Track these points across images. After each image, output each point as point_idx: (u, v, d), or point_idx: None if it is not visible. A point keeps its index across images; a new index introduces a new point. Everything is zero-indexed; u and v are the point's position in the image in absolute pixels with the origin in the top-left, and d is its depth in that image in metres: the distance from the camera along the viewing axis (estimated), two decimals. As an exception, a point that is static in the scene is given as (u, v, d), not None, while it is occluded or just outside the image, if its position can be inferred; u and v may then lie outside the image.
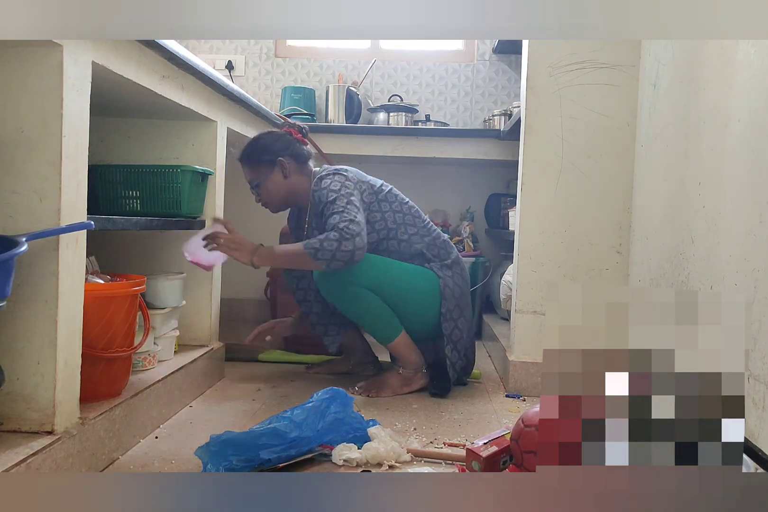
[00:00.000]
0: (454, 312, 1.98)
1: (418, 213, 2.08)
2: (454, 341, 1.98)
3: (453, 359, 1.97)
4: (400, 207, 2.05)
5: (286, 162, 2.00)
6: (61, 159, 1.16)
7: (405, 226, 2.02)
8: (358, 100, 3.22)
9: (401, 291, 1.95)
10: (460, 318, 2.00)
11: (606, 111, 2.01)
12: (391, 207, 2.02)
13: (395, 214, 2.02)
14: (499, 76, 3.37)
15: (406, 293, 1.96)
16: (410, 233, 2.02)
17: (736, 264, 1.25)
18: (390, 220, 2.01)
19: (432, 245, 2.04)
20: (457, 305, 1.99)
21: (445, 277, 1.99)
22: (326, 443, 1.41)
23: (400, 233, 2.01)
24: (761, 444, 1.10)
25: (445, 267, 2.01)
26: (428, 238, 2.04)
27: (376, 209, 2.00)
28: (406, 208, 2.06)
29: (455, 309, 1.99)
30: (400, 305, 1.96)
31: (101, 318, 1.38)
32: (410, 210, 2.07)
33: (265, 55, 3.38)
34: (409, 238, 2.02)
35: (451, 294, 1.98)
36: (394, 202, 2.04)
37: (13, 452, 1.09)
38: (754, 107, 1.21)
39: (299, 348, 2.48)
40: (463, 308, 2.03)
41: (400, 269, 1.97)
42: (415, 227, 2.04)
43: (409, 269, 1.99)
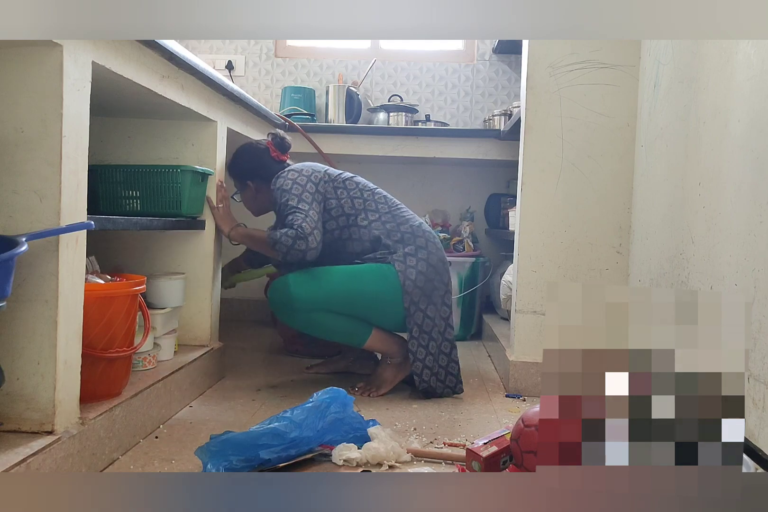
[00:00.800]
0: (420, 303, 1.94)
1: (384, 199, 2.07)
2: (426, 331, 1.95)
3: (420, 355, 1.94)
4: (360, 193, 2.04)
5: (252, 185, 2.14)
6: (61, 159, 1.16)
7: (365, 212, 2.02)
8: (358, 100, 3.22)
9: (359, 297, 1.92)
10: (429, 306, 1.95)
11: (606, 111, 2.01)
12: (349, 194, 2.03)
13: (353, 200, 2.02)
14: (499, 76, 3.37)
15: (365, 299, 1.93)
16: (371, 219, 2.01)
17: (736, 264, 1.25)
18: (347, 205, 2.01)
19: (394, 231, 2.00)
20: (423, 294, 1.95)
21: (407, 269, 1.94)
22: (326, 443, 1.41)
23: (360, 219, 2.01)
24: (761, 444, 1.10)
25: (408, 255, 1.96)
26: (391, 224, 2.01)
27: (333, 196, 2.01)
28: (368, 194, 2.05)
29: (421, 299, 1.94)
30: (364, 310, 1.94)
31: (101, 318, 1.38)
32: (373, 196, 2.06)
33: (265, 55, 3.38)
34: (369, 224, 2.01)
35: (413, 286, 1.93)
36: (354, 188, 2.04)
37: (13, 452, 1.09)
38: (754, 107, 1.21)
39: (298, 347, 2.49)
40: (433, 293, 1.97)
41: (352, 276, 1.94)
42: (377, 213, 2.03)
43: (363, 272, 1.95)
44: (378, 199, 2.06)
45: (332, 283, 1.91)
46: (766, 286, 1.12)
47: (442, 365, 1.97)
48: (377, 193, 2.08)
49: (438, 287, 1.98)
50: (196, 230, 1.97)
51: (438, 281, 1.99)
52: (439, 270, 2.00)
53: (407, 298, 1.93)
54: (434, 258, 2.01)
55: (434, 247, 2.03)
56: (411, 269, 1.95)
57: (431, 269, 1.98)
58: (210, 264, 2.00)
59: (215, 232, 2.03)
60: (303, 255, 1.87)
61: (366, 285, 1.93)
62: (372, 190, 2.08)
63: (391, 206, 2.07)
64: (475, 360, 2.53)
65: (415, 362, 1.94)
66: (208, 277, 2.00)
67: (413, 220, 2.07)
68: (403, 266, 1.95)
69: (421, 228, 2.05)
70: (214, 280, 2.03)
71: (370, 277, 1.94)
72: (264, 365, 2.33)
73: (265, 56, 3.38)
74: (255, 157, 2.12)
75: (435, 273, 1.99)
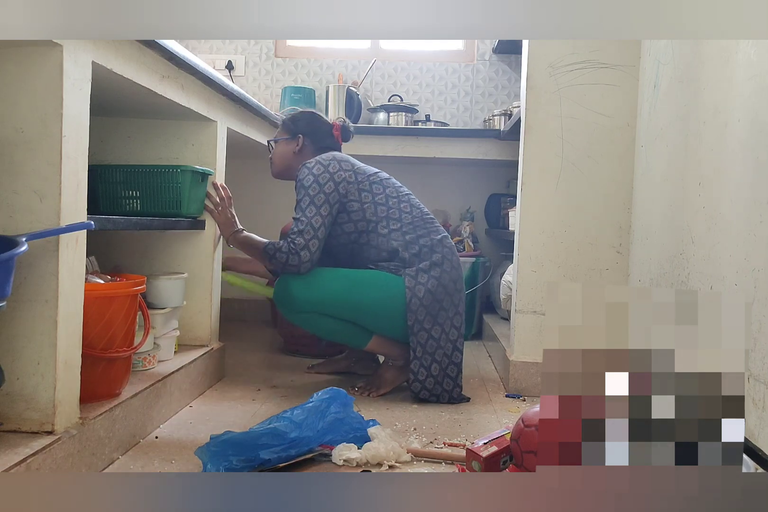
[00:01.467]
0: (425, 322, 1.88)
1: (410, 208, 1.99)
2: (430, 353, 1.89)
3: (420, 376, 1.89)
4: (386, 200, 1.98)
5: (301, 140, 2.10)
6: (61, 159, 1.16)
7: (387, 220, 1.96)
8: (358, 100, 3.22)
9: (359, 306, 1.89)
10: (434, 327, 1.89)
11: (606, 111, 2.01)
12: (374, 198, 1.96)
13: (377, 206, 1.96)
14: (499, 76, 3.37)
15: (365, 308, 1.89)
16: (392, 228, 1.95)
17: (736, 264, 1.25)
18: (370, 211, 1.95)
19: (413, 243, 1.93)
20: (429, 314, 1.88)
21: (416, 285, 1.88)
22: (326, 443, 1.41)
23: (380, 227, 1.95)
24: (761, 444, 1.10)
25: (420, 271, 1.89)
26: (411, 235, 1.94)
27: (356, 198, 1.95)
28: (394, 201, 1.98)
29: (426, 318, 1.88)
30: (363, 319, 1.92)
31: (101, 318, 1.38)
32: (399, 204, 1.98)
33: (265, 55, 3.38)
34: (389, 233, 1.95)
35: (419, 305, 1.87)
36: (381, 193, 1.98)
37: (13, 452, 1.09)
38: (754, 107, 1.21)
39: (298, 348, 2.49)
40: (439, 314, 1.90)
41: (355, 283, 1.90)
42: (399, 222, 1.96)
43: (369, 280, 1.91)
44: (403, 208, 1.99)
45: (333, 288, 1.89)
46: (766, 286, 1.12)
47: (447, 389, 1.91)
48: (404, 201, 2.00)
49: (447, 308, 1.91)
50: (196, 230, 1.97)
51: (447, 302, 1.92)
52: (449, 291, 1.92)
53: (411, 316, 1.88)
54: (446, 278, 1.92)
55: (450, 265, 1.95)
56: (420, 286, 1.88)
57: (441, 289, 1.91)
58: (210, 264, 2.00)
59: (215, 232, 2.03)
60: (297, 270, 1.87)
61: (368, 296, 1.89)
62: (399, 197, 2.00)
63: (415, 216, 1.99)
64: (475, 360, 2.53)
65: (414, 382, 1.89)
66: (208, 277, 2.00)
67: (436, 232, 1.99)
68: (413, 282, 1.89)
69: (441, 242, 1.97)
70: (213, 280, 2.03)
71: (375, 287, 1.90)
72: (264, 365, 2.33)
73: (265, 56, 3.38)
74: (321, 124, 2.14)
75: (445, 293, 1.91)
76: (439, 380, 1.90)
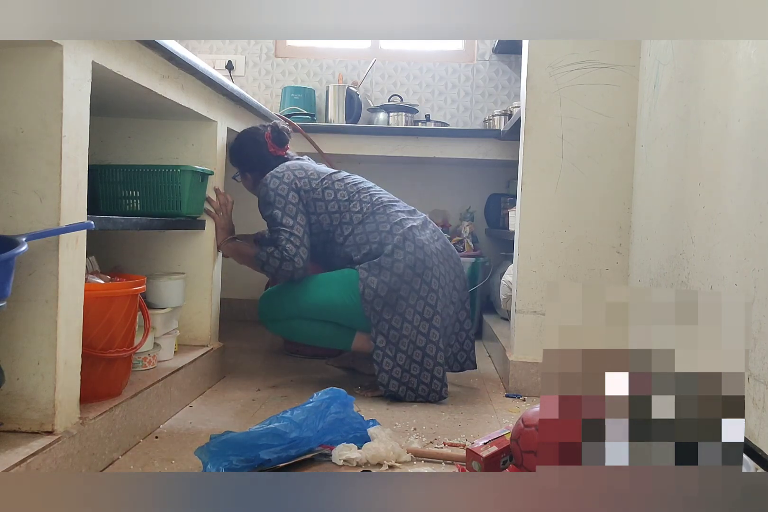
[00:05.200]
0: (384, 313, 1.87)
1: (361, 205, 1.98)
2: (393, 342, 1.87)
3: (386, 366, 1.88)
4: (337, 206, 1.97)
5: (250, 176, 2.14)
6: (61, 159, 1.16)
7: (341, 227, 1.96)
8: (358, 100, 3.22)
9: (326, 305, 1.92)
10: (394, 317, 1.86)
11: (606, 111, 2.01)
12: (327, 207, 1.97)
13: (331, 215, 1.97)
14: (499, 76, 3.36)
15: (332, 306, 1.92)
16: (345, 234, 1.96)
17: (736, 264, 1.25)
18: (325, 222, 1.97)
19: (364, 244, 1.92)
20: (386, 304, 1.86)
21: (369, 277, 1.86)
22: (326, 443, 1.41)
23: (336, 236, 1.98)
24: (761, 444, 1.10)
25: (373, 264, 1.88)
26: (361, 236, 1.93)
27: (312, 211, 1.97)
28: (345, 205, 1.97)
29: (384, 308, 1.86)
30: (335, 316, 1.94)
31: (101, 318, 1.38)
32: (350, 204, 1.97)
33: (265, 55, 3.38)
34: (343, 241, 1.96)
35: (373, 295, 1.85)
36: (332, 200, 1.97)
37: (13, 452, 1.09)
38: (754, 107, 1.21)
39: (298, 348, 2.49)
40: (397, 303, 1.86)
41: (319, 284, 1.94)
42: (350, 226, 1.96)
43: (330, 280, 1.95)
44: (353, 207, 1.97)
45: (301, 292, 1.95)
46: (766, 286, 1.12)
47: (414, 374, 1.88)
48: (355, 199, 1.99)
49: (406, 296, 1.87)
50: (196, 230, 1.97)
51: (406, 290, 1.87)
52: (406, 279, 1.87)
53: (367, 307, 1.87)
54: (400, 267, 1.87)
55: (402, 252, 1.89)
56: (372, 277, 1.87)
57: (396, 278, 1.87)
58: (210, 264, 2.01)
59: (215, 232, 2.03)
60: (291, 275, 1.92)
61: (331, 293, 1.92)
62: (350, 197, 1.99)
63: (366, 212, 1.97)
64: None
65: (381, 373, 1.88)
66: (208, 277, 2.00)
67: (387, 222, 1.95)
68: (366, 274, 1.88)
69: (401, 224, 1.94)
70: (213, 280, 2.03)
71: (336, 285, 1.93)
72: (264, 365, 2.33)
73: (265, 56, 3.38)
74: (253, 150, 2.10)
75: (401, 281, 1.87)
76: (409, 370, 1.88)
